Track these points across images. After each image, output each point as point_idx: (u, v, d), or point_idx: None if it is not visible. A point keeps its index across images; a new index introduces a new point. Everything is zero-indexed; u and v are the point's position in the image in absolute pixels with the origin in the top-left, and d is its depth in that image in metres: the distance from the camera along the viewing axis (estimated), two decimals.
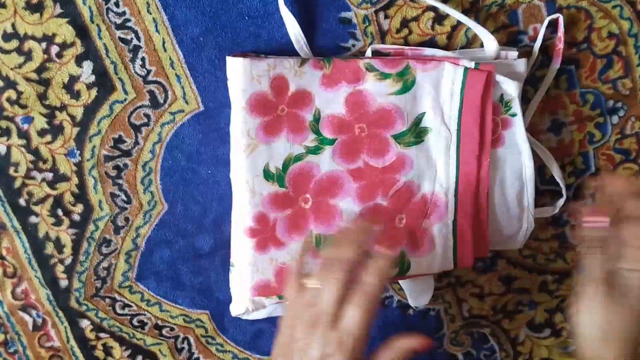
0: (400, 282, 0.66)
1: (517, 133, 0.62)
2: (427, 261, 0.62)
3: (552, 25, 0.62)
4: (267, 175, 0.60)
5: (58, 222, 0.66)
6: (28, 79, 0.61)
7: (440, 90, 0.60)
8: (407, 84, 0.59)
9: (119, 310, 0.69)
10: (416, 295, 0.66)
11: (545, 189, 0.68)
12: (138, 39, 0.60)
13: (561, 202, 0.66)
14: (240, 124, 0.58)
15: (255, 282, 0.61)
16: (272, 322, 0.70)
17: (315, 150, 0.60)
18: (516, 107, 0.61)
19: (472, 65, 0.58)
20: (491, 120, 0.60)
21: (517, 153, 0.62)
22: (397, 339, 0.50)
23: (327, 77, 0.59)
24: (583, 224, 0.52)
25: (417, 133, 0.61)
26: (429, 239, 0.62)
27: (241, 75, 0.57)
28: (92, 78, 0.61)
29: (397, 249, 0.62)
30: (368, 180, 0.61)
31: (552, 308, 0.74)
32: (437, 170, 0.61)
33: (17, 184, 0.64)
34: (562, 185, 0.65)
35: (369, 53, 0.61)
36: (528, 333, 0.75)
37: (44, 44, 0.60)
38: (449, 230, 0.62)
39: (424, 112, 0.60)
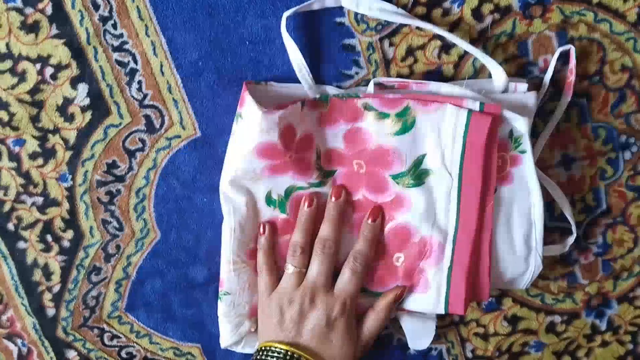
0: (401, 322, 0.63)
1: (526, 171, 0.59)
2: (420, 300, 0.60)
3: (563, 57, 0.60)
4: (269, 201, 0.59)
5: (47, 248, 0.64)
6: (21, 100, 0.59)
7: (442, 134, 0.57)
8: (406, 125, 0.57)
9: (107, 342, 0.67)
10: (415, 337, 0.63)
11: (554, 226, 0.65)
12: (135, 62, 0.59)
13: (571, 240, 0.63)
14: (246, 163, 0.57)
15: (254, 302, 0.61)
16: None
17: (318, 185, 0.59)
18: (526, 143, 0.58)
19: (476, 106, 0.56)
20: (496, 163, 0.57)
21: (526, 191, 0.60)
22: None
23: (325, 115, 0.57)
24: None
25: (417, 175, 0.58)
26: (425, 280, 0.60)
27: (252, 125, 0.55)
28: (87, 101, 0.60)
29: (393, 285, 0.60)
30: (366, 212, 0.60)
31: (560, 350, 0.71)
32: (437, 214, 0.59)
33: (6, 208, 0.62)
34: (572, 222, 0.62)
35: (371, 86, 0.58)
36: None
37: (38, 65, 0.58)
38: (442, 277, 0.59)
39: (425, 154, 0.58)
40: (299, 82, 0.58)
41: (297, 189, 0.58)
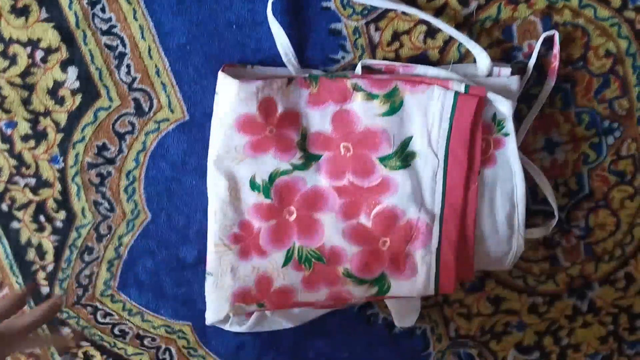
0: (386, 301, 0.65)
1: (509, 153, 0.60)
2: (408, 285, 0.61)
3: (548, 42, 0.61)
4: (253, 185, 0.59)
5: (40, 229, 0.65)
6: (12, 84, 0.60)
7: (429, 115, 0.58)
8: (394, 106, 0.58)
9: (100, 319, 0.69)
10: (401, 315, 0.64)
11: (537, 209, 0.66)
12: (124, 45, 0.59)
13: (553, 223, 0.64)
14: (227, 139, 0.58)
15: (235, 289, 0.61)
16: (255, 335, 0.69)
17: (301, 167, 0.59)
18: (509, 126, 0.59)
19: (462, 88, 0.57)
20: (480, 145, 0.59)
21: (509, 173, 0.61)
22: None
23: (314, 95, 0.58)
24: None
25: (403, 157, 0.59)
26: (412, 264, 0.61)
27: (229, 95, 0.57)
28: (77, 84, 0.60)
29: (379, 271, 0.61)
30: (352, 197, 0.60)
31: (542, 330, 0.72)
32: (424, 196, 0.60)
33: (0, 188, 0.63)
34: (554, 206, 0.63)
35: (358, 68, 0.59)
36: (516, 355, 0.73)
37: (28, 49, 0.59)
38: (432, 257, 0.60)
39: (412, 136, 0.59)
40: (285, 66, 0.59)
41: (281, 173, 0.59)
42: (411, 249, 0.60)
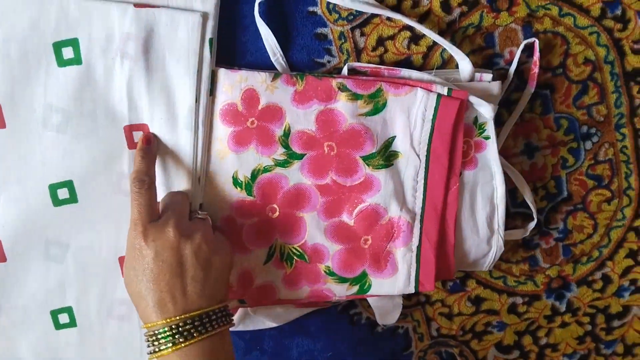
0: (369, 299, 0.66)
1: (490, 156, 0.62)
2: (388, 283, 0.62)
3: (528, 49, 0.62)
4: (236, 182, 0.60)
5: None
6: None
7: (412, 116, 0.60)
8: (378, 106, 0.60)
9: None
10: (383, 313, 0.66)
11: (516, 212, 0.68)
12: None
13: (532, 225, 0.66)
14: (213, 129, 0.59)
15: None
16: (239, 335, 0.70)
17: (283, 164, 0.60)
18: (490, 129, 0.61)
19: (445, 91, 0.58)
20: (462, 147, 0.61)
21: (489, 176, 0.62)
22: None
23: (299, 93, 0.59)
24: None
25: (386, 156, 0.61)
26: (392, 263, 0.62)
27: (216, 85, 0.58)
28: None
29: (361, 269, 0.62)
30: (335, 196, 0.61)
31: (521, 330, 0.74)
32: (405, 195, 0.61)
33: None
34: (533, 208, 0.65)
35: (345, 71, 0.61)
36: (496, 354, 0.74)
37: None
38: (412, 256, 0.62)
39: (395, 136, 0.61)
40: (269, 69, 0.60)
41: (263, 170, 0.60)
42: (392, 247, 0.62)
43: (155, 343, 0.51)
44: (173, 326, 0.51)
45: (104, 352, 0.65)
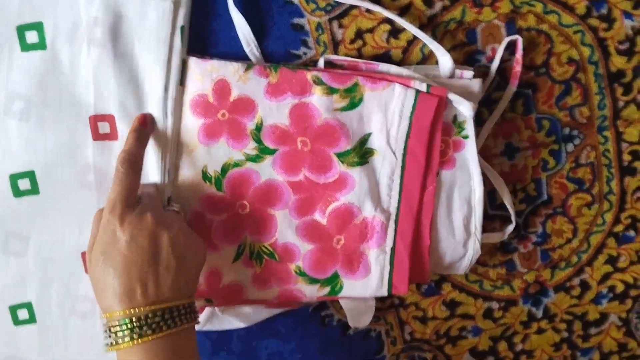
0: (341, 301, 0.64)
1: (468, 156, 0.60)
2: (360, 285, 0.60)
3: (511, 47, 0.60)
4: (205, 176, 0.58)
5: None
6: None
7: (389, 112, 0.58)
8: (354, 101, 0.58)
9: None
10: (356, 315, 0.64)
11: (494, 214, 0.66)
12: None
13: (510, 228, 0.64)
14: (183, 120, 0.58)
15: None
16: (205, 335, 0.68)
17: (255, 159, 0.58)
18: (469, 128, 0.59)
19: (424, 87, 0.57)
20: (439, 145, 0.59)
21: (467, 176, 0.61)
22: None
23: (273, 85, 0.57)
24: None
25: (362, 154, 0.59)
26: (365, 264, 0.60)
27: (187, 75, 0.57)
28: None
29: (333, 270, 0.60)
30: (307, 194, 0.59)
31: (497, 336, 0.72)
32: (380, 194, 0.59)
33: None
34: (511, 211, 0.63)
35: (321, 63, 0.59)
36: None
37: None
38: (386, 257, 0.60)
39: (371, 133, 0.58)
40: (243, 60, 0.58)
41: (234, 165, 0.58)
42: (365, 248, 0.60)
43: (119, 334, 0.48)
44: (141, 317, 0.48)
45: (65, 349, 0.63)
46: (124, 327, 0.48)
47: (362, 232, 0.60)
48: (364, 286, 0.60)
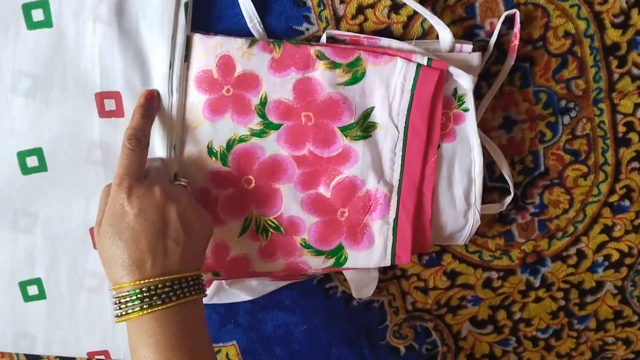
0: (345, 272, 0.65)
1: (468, 128, 0.62)
2: (364, 256, 0.62)
3: (509, 22, 0.61)
4: (211, 152, 0.59)
5: None
6: None
7: (390, 86, 0.59)
8: (356, 76, 0.59)
9: None
10: (360, 286, 0.65)
11: (493, 186, 0.68)
12: None
13: (509, 199, 0.66)
14: (188, 97, 0.58)
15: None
16: (212, 308, 0.69)
17: (259, 134, 0.59)
18: (469, 102, 0.61)
19: (425, 61, 0.58)
20: (440, 119, 0.60)
21: (467, 148, 0.62)
22: None
23: (276, 61, 0.58)
24: None
25: (364, 127, 0.60)
26: (369, 235, 0.62)
27: (191, 52, 0.57)
28: None
29: (337, 242, 0.62)
30: (312, 168, 0.60)
31: (496, 305, 0.74)
32: (383, 167, 0.61)
33: None
34: (510, 183, 0.65)
35: (324, 38, 0.60)
36: (471, 329, 0.75)
37: None
38: (389, 228, 0.61)
39: (373, 107, 0.59)
40: (246, 36, 0.59)
41: (239, 140, 0.59)
42: (369, 220, 0.61)
43: (129, 304, 0.50)
44: (151, 287, 0.49)
45: (74, 324, 0.64)
46: (134, 297, 0.49)
47: (366, 205, 0.61)
48: (368, 257, 0.62)
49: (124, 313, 0.50)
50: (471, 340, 0.75)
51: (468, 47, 0.60)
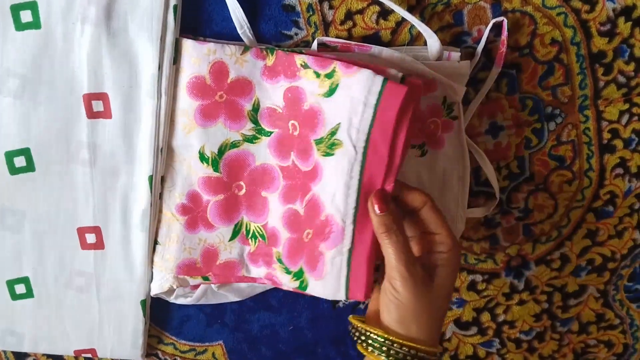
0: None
1: (456, 135, 0.62)
2: (320, 285, 0.57)
3: (497, 29, 0.62)
4: (202, 157, 0.59)
5: None
6: None
7: (354, 100, 0.52)
8: (332, 88, 0.54)
9: None
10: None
11: (479, 190, 0.68)
12: None
13: (494, 204, 0.66)
14: (179, 102, 0.58)
15: (181, 260, 0.61)
16: (199, 309, 0.69)
17: (252, 139, 0.59)
18: (458, 110, 0.61)
19: (399, 76, 0.53)
20: (404, 142, 0.52)
21: (456, 155, 0.63)
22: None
23: (269, 68, 0.57)
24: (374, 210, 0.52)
25: (330, 144, 0.54)
26: (322, 264, 0.56)
27: (181, 56, 0.57)
28: None
29: (300, 263, 0.58)
30: (293, 180, 0.58)
31: (480, 307, 0.75)
32: (337, 191, 0.54)
33: None
34: (495, 187, 0.65)
35: (315, 45, 0.60)
36: (455, 330, 0.76)
37: None
38: (343, 259, 0.55)
39: (340, 123, 0.53)
40: (235, 40, 0.59)
41: (231, 146, 0.59)
42: (323, 247, 0.55)
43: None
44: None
45: (61, 323, 0.64)
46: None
47: (322, 230, 0.55)
48: (323, 287, 0.56)
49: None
50: (455, 341, 0.76)
51: (456, 54, 0.60)
